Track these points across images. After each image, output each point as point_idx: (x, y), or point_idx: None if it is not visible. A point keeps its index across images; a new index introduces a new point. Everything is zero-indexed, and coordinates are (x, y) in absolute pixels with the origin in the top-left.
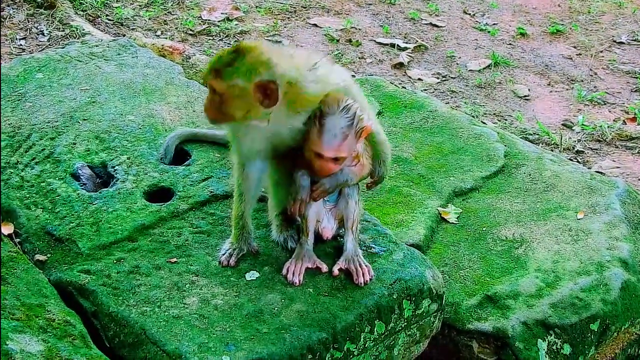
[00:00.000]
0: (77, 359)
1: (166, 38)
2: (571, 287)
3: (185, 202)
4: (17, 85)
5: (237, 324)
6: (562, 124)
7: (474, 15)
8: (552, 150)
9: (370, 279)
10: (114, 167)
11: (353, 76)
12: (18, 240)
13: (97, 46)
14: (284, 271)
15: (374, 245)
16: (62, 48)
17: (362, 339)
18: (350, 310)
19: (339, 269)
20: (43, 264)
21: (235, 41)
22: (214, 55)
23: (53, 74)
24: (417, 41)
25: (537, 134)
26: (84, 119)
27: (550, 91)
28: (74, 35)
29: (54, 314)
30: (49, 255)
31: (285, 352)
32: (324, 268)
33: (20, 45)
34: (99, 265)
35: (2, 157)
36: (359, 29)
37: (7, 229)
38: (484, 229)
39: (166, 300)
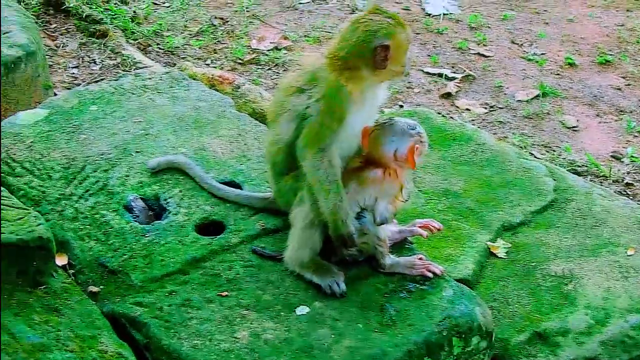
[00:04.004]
0: None
1: (216, 67)
2: (621, 325)
3: (236, 235)
4: (72, 117)
5: (287, 359)
6: (611, 156)
7: (521, 45)
8: (601, 183)
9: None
10: (166, 199)
11: (401, 106)
12: (72, 271)
13: (150, 79)
14: (429, 274)
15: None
16: (116, 80)
17: None
18: (400, 346)
19: None
20: (96, 296)
21: (284, 70)
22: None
23: (107, 106)
24: (464, 71)
25: (586, 166)
26: (137, 152)
27: (599, 122)
28: (126, 64)
29: (106, 346)
30: (102, 286)
31: None
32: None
33: (73, 73)
34: (151, 298)
35: (56, 189)
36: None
37: (61, 260)
38: (533, 264)
39: (217, 333)
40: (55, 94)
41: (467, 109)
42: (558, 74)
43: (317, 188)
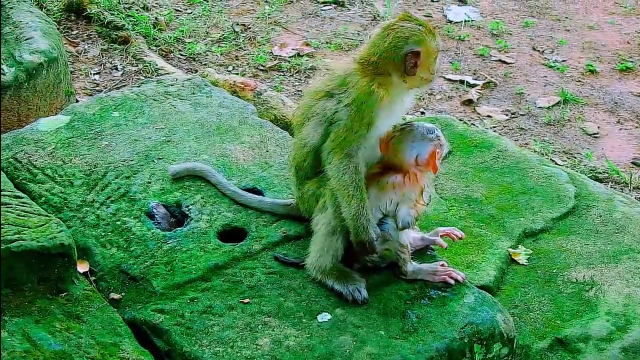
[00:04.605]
0: None
1: (238, 74)
2: None
3: (258, 242)
4: (94, 124)
5: None
6: (632, 162)
7: (543, 52)
8: (621, 189)
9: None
10: (188, 206)
11: (423, 113)
12: (93, 278)
13: (172, 85)
14: (451, 281)
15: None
16: (138, 87)
17: None
18: (422, 353)
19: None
20: (117, 303)
21: (306, 77)
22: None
23: (129, 113)
24: (486, 78)
25: (607, 173)
26: (159, 158)
27: (620, 129)
28: (147, 71)
29: (128, 353)
30: (123, 293)
31: None
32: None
33: (95, 80)
34: (172, 305)
35: (78, 196)
36: None
37: (83, 267)
38: (554, 270)
39: (239, 340)
40: (77, 101)
41: (489, 116)
42: (579, 81)
43: (340, 193)
